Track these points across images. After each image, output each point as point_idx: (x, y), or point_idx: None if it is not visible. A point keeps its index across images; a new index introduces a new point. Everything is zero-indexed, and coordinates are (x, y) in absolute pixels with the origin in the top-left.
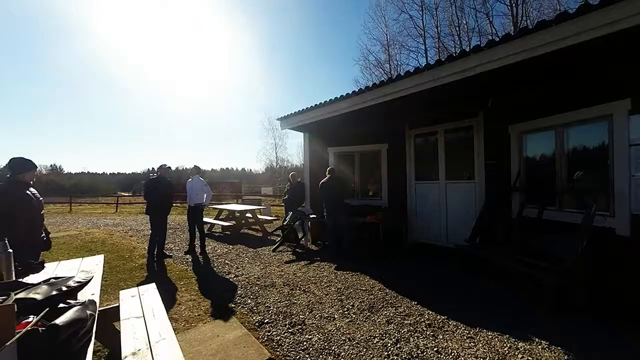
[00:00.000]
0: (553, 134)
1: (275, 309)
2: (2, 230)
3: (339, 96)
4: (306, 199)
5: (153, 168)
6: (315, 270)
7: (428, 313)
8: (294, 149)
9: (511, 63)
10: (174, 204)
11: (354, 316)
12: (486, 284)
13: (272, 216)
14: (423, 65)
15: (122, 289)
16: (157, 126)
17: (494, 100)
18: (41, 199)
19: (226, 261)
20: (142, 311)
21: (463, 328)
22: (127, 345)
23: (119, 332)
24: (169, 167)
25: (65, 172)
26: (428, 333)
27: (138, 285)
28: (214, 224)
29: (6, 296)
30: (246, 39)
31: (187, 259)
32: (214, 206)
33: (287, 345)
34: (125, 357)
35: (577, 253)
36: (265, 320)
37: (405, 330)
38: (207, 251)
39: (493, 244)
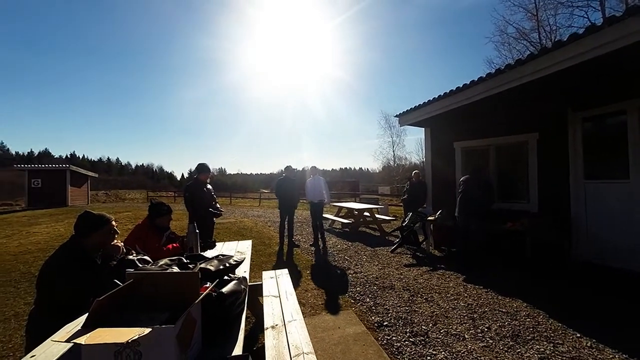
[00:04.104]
0: None
1: (394, 313)
2: (190, 215)
3: (468, 82)
4: (427, 200)
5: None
6: (440, 279)
7: None
8: (412, 146)
9: None
10: (301, 200)
11: (490, 341)
12: None
13: (389, 216)
14: (602, 21)
15: (264, 270)
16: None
17: None
18: (213, 193)
19: (346, 257)
20: (278, 291)
21: None
22: (267, 319)
23: (262, 305)
24: (289, 167)
25: (227, 173)
26: None
27: (275, 268)
28: (334, 221)
29: (194, 265)
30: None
31: (312, 250)
32: (334, 204)
33: (408, 355)
34: (267, 328)
35: None
36: (385, 323)
37: None
38: (329, 246)
39: None
